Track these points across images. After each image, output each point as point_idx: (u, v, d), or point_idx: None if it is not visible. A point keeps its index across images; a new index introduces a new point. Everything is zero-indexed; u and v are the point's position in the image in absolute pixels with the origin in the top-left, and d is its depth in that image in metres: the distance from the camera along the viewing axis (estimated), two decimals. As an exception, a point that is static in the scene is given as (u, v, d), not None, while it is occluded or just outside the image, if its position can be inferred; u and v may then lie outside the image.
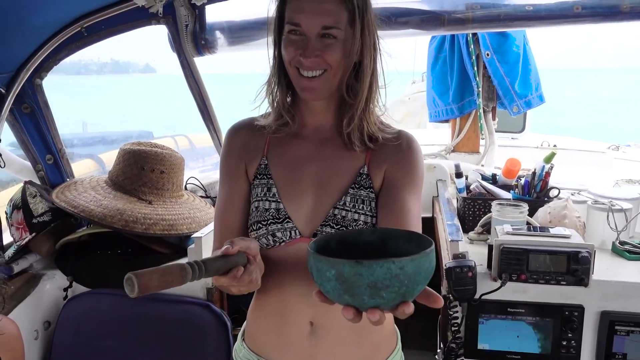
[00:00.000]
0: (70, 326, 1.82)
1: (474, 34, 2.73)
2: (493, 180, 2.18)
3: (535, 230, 1.59)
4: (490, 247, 1.54)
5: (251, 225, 1.14)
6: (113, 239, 1.87)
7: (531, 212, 1.78)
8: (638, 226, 1.80)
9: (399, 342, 1.26)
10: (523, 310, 1.51)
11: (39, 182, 2.06)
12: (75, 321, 1.82)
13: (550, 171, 1.92)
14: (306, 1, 1.05)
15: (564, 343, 1.50)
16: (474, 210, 1.95)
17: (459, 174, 2.12)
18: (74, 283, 1.87)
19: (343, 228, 1.09)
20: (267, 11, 1.14)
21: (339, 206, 1.11)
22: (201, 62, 2.14)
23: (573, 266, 1.46)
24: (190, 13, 1.95)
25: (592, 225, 1.76)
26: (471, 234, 1.85)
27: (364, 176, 1.13)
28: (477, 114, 2.89)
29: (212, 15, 2.03)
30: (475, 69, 2.76)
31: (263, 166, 1.17)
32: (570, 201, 1.77)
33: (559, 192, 1.93)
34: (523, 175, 2.04)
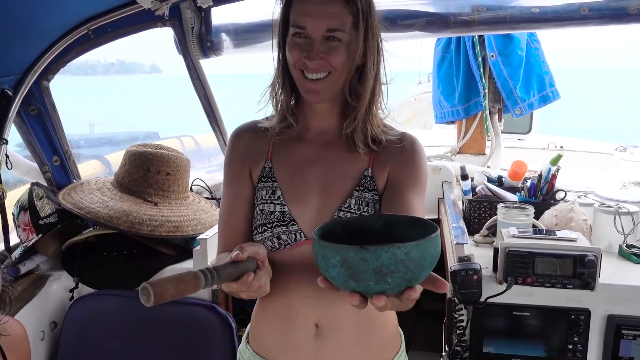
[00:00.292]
0: (76, 327, 1.83)
1: (480, 36, 2.72)
2: (499, 182, 2.17)
3: (541, 233, 1.59)
4: (495, 250, 1.54)
5: (256, 228, 1.14)
6: (119, 241, 1.88)
7: (537, 215, 1.77)
8: (645, 229, 1.78)
9: (403, 344, 1.26)
10: (529, 313, 1.51)
11: (46, 184, 2.07)
12: (81, 322, 1.83)
13: (556, 173, 1.91)
14: (311, 4, 1.05)
15: (570, 347, 1.49)
16: (480, 212, 1.95)
17: (465, 176, 2.11)
18: (80, 284, 1.87)
19: None
20: (272, 14, 1.14)
21: (344, 209, 1.11)
22: (208, 62, 2.15)
23: (579, 270, 1.45)
24: (196, 15, 1.95)
25: (599, 228, 1.75)
26: (477, 237, 1.85)
27: (368, 178, 1.14)
28: (483, 116, 2.88)
29: (218, 17, 2.03)
30: (481, 71, 2.75)
31: (267, 169, 1.17)
32: (576, 204, 1.76)
33: (566, 195, 1.92)
34: (529, 177, 2.03)
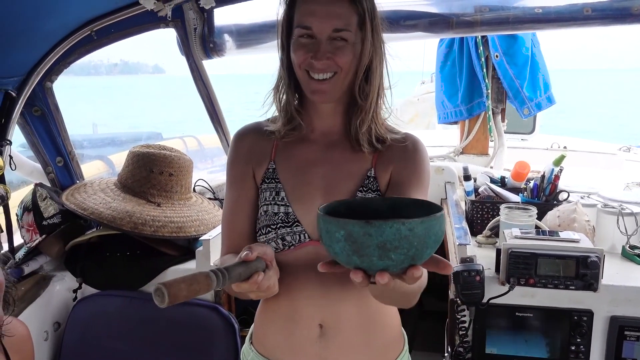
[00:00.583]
0: (79, 327, 1.84)
1: (483, 36, 2.72)
2: (502, 183, 2.17)
3: (544, 234, 1.59)
4: (498, 251, 1.54)
5: (260, 229, 1.14)
6: (122, 241, 1.88)
7: (540, 216, 1.77)
8: (648, 230, 1.78)
9: (406, 345, 1.26)
10: (531, 314, 1.51)
11: (49, 184, 2.07)
12: (84, 322, 1.84)
13: (559, 174, 1.91)
14: (317, 4, 1.05)
15: (573, 348, 1.49)
16: (482, 213, 1.95)
17: (468, 177, 2.11)
18: (83, 284, 1.88)
19: None
20: (277, 14, 1.14)
21: None
22: (210, 63, 2.15)
23: (582, 271, 1.45)
24: (198, 16, 1.96)
25: (602, 229, 1.75)
26: (479, 238, 1.85)
27: (371, 179, 1.15)
28: (486, 116, 2.88)
29: (221, 18, 2.04)
30: (484, 71, 2.75)
31: (271, 170, 1.17)
32: (579, 205, 1.76)
33: (569, 196, 1.91)
34: (532, 178, 2.03)
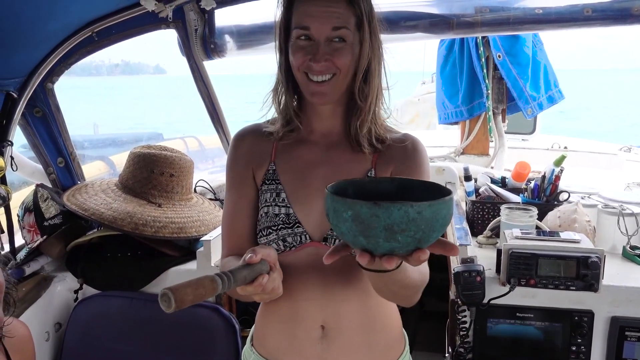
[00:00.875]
0: (80, 328, 1.84)
1: (484, 36, 2.72)
2: (502, 183, 2.17)
3: (544, 234, 1.59)
4: (499, 252, 1.54)
5: (261, 230, 1.15)
6: (123, 242, 1.88)
7: (541, 216, 1.77)
8: (649, 230, 1.78)
9: (407, 345, 1.26)
10: (532, 315, 1.51)
11: (51, 185, 2.08)
12: (85, 323, 1.84)
13: (560, 174, 1.91)
14: (315, 6, 1.06)
15: (574, 349, 1.49)
16: (483, 213, 1.95)
17: (468, 177, 2.11)
18: (85, 285, 1.88)
19: None
20: (275, 16, 1.14)
21: None
22: (212, 63, 2.15)
23: (583, 271, 1.45)
24: (199, 17, 1.96)
25: (603, 229, 1.75)
26: (480, 238, 1.85)
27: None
28: (487, 116, 2.88)
29: (222, 19, 2.04)
30: (484, 71, 2.75)
31: (271, 172, 1.17)
32: (580, 205, 1.76)
33: (569, 196, 1.91)
34: (533, 178, 2.03)
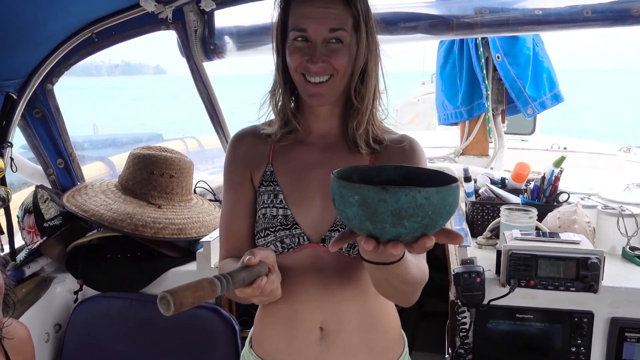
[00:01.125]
0: (80, 329, 1.84)
1: (484, 37, 2.72)
2: (502, 184, 2.17)
3: (544, 235, 1.59)
4: (498, 253, 1.54)
5: (259, 232, 1.14)
6: (123, 243, 1.88)
7: (540, 217, 1.77)
8: (649, 231, 1.78)
9: (406, 347, 1.26)
10: (532, 316, 1.51)
11: (50, 186, 2.08)
12: (85, 324, 1.84)
13: (559, 175, 1.91)
14: (312, 7, 1.06)
15: (573, 350, 1.49)
16: (483, 214, 1.95)
17: (468, 178, 2.11)
18: (84, 286, 1.88)
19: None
20: (271, 16, 1.14)
21: None
22: (213, 63, 2.15)
23: (582, 272, 1.45)
24: (199, 18, 1.96)
25: (602, 230, 1.75)
26: (480, 239, 1.85)
27: None
28: (486, 117, 2.88)
29: (221, 20, 2.04)
30: (484, 72, 2.75)
31: (269, 173, 1.17)
32: (579, 206, 1.76)
33: (569, 197, 1.92)
34: (532, 179, 2.03)
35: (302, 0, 1.07)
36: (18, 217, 1.95)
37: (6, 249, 1.88)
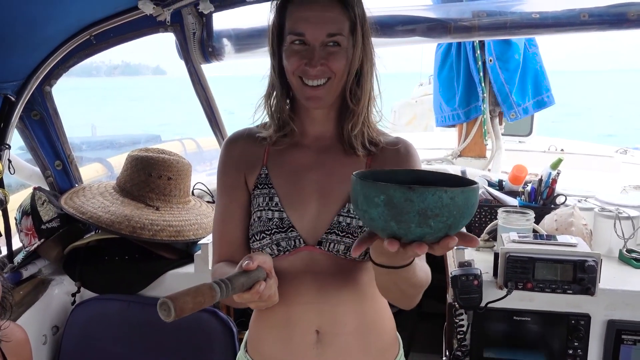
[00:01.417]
0: (78, 331, 1.84)
1: (481, 40, 2.72)
2: (499, 186, 2.17)
3: (541, 238, 1.59)
4: (496, 255, 1.54)
5: (254, 235, 1.14)
6: (121, 245, 1.88)
7: (537, 220, 1.78)
8: (645, 234, 1.78)
9: (402, 349, 1.27)
10: (529, 318, 1.51)
11: (48, 188, 2.08)
12: (83, 326, 1.84)
13: (556, 178, 1.92)
14: (309, 11, 1.06)
15: (570, 352, 1.49)
16: (480, 217, 1.95)
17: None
18: (82, 288, 1.88)
19: (349, 235, 1.10)
20: (268, 19, 1.14)
21: (343, 213, 1.11)
22: (214, 64, 2.15)
23: (579, 275, 1.45)
24: (197, 21, 1.96)
25: (599, 232, 1.76)
26: (477, 241, 1.85)
27: None
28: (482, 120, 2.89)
29: (219, 23, 2.04)
30: (481, 75, 2.76)
31: (263, 176, 1.16)
32: (577, 208, 1.77)
33: (566, 199, 1.92)
34: (530, 181, 2.03)
35: (300, 3, 1.08)
36: (16, 219, 1.94)
37: (4, 251, 1.88)
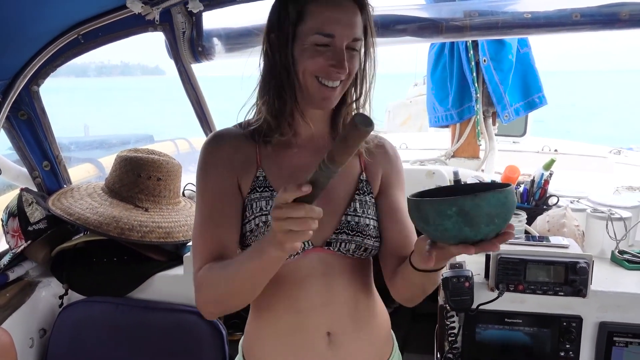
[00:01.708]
0: (65, 334, 1.82)
1: (474, 40, 2.72)
2: (492, 187, 2.16)
3: (533, 239, 1.58)
4: (487, 257, 1.53)
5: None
6: (109, 247, 1.87)
7: (530, 221, 1.77)
8: (638, 235, 1.77)
9: (395, 343, 1.28)
10: (520, 320, 1.50)
11: (36, 189, 2.05)
12: (70, 329, 1.82)
13: (549, 179, 1.90)
14: (340, 12, 1.04)
15: (562, 354, 1.48)
16: (472, 218, 1.94)
17: (458, 181, 2.10)
18: (70, 290, 1.86)
19: (358, 234, 1.10)
20: (269, 15, 1.11)
21: (350, 213, 1.11)
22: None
23: (571, 277, 1.44)
24: (187, 20, 1.94)
25: (591, 234, 1.75)
26: (469, 243, 1.83)
27: (365, 182, 1.16)
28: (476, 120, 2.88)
29: (209, 22, 2.02)
30: (474, 75, 2.75)
31: (261, 178, 1.11)
32: (569, 209, 1.76)
33: (558, 200, 1.91)
34: (522, 182, 2.02)
35: (326, 3, 1.04)
36: (2, 221, 1.92)
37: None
